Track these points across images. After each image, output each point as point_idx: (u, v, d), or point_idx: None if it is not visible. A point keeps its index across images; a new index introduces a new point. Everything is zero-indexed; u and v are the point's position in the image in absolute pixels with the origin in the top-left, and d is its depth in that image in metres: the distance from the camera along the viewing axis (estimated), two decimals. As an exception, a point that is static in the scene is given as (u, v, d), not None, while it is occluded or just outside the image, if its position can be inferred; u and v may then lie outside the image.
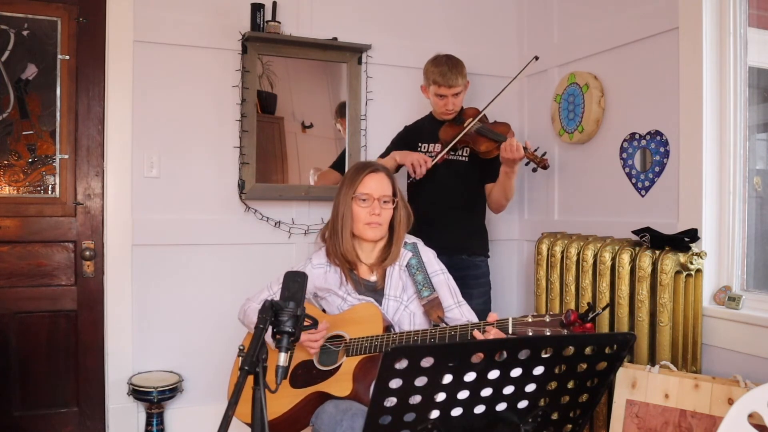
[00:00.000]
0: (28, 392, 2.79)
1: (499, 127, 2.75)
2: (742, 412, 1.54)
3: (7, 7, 2.72)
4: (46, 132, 2.81)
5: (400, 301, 2.08)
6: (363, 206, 2.06)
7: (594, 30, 2.98)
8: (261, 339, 1.37)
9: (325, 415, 1.90)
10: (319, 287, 2.14)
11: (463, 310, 2.11)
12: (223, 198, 3.03)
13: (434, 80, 2.75)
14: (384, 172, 2.12)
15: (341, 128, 3.21)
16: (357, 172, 2.11)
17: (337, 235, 2.09)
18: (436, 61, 2.78)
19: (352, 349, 1.96)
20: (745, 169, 2.37)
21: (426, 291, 2.06)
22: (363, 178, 2.08)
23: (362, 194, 2.06)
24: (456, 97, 2.77)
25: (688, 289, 2.34)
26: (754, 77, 2.40)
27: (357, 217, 2.07)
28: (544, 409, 1.33)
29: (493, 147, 2.66)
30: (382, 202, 2.07)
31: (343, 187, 2.11)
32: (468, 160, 2.83)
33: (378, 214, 2.05)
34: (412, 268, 2.10)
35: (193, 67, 2.97)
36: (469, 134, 2.74)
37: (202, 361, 2.98)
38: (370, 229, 2.07)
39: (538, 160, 2.60)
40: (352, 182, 2.09)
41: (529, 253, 3.38)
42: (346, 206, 2.08)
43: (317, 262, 2.15)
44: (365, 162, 2.21)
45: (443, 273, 2.16)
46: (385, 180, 2.10)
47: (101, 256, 2.88)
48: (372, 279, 2.13)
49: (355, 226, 2.08)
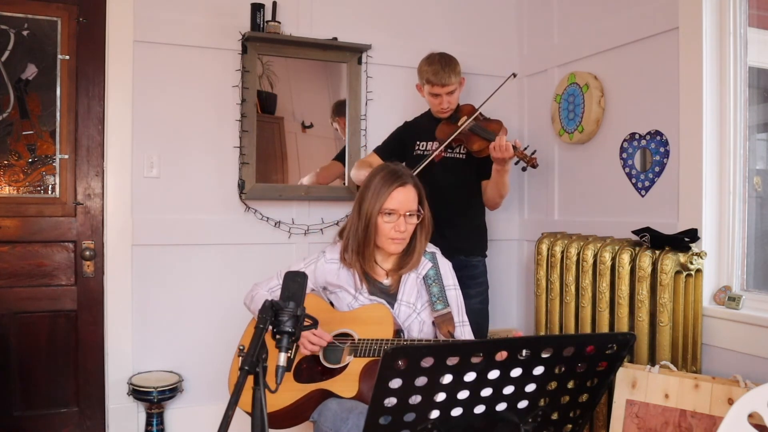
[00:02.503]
0: (28, 392, 2.79)
1: (491, 125, 2.74)
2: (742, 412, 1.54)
3: (7, 7, 2.72)
4: (46, 132, 2.81)
5: (413, 308, 2.07)
6: (388, 221, 2.00)
7: (594, 30, 2.98)
8: (261, 339, 1.37)
9: (329, 412, 1.89)
10: (330, 282, 2.12)
11: (464, 330, 2.10)
12: (223, 198, 3.03)
13: (428, 79, 2.74)
14: (412, 183, 2.04)
15: (338, 127, 3.21)
16: (385, 182, 2.02)
17: (358, 244, 2.04)
18: (429, 60, 2.78)
19: (360, 350, 1.95)
20: (745, 169, 2.37)
21: (440, 305, 2.04)
22: (391, 193, 2.00)
23: (388, 209, 2.00)
24: (450, 95, 2.77)
25: (688, 289, 2.34)
26: (754, 77, 2.40)
27: (381, 231, 2.01)
28: (544, 409, 1.33)
29: (485, 146, 2.65)
30: (407, 216, 2.01)
31: (368, 195, 2.03)
32: (465, 158, 2.83)
33: (402, 231, 2.00)
34: (429, 279, 2.08)
35: (193, 67, 2.97)
36: (463, 133, 2.73)
37: (202, 361, 2.98)
38: (394, 244, 2.02)
39: (527, 159, 2.59)
40: (380, 194, 2.00)
41: (529, 253, 3.38)
42: (372, 218, 2.00)
43: (331, 257, 2.13)
44: (393, 169, 2.06)
45: (455, 289, 2.14)
46: (412, 193, 2.03)
47: (101, 256, 2.88)
48: (386, 282, 2.11)
49: (378, 239, 2.03)
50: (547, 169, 3.28)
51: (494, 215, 3.14)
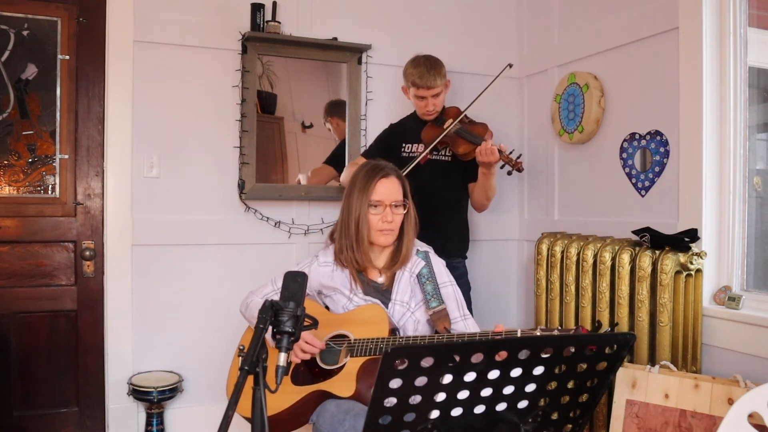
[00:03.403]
0: (28, 392, 2.79)
1: (476, 128, 2.74)
2: (742, 412, 1.54)
3: (7, 7, 2.72)
4: (46, 132, 2.81)
5: (407, 307, 2.08)
6: (375, 213, 2.03)
7: (594, 30, 2.98)
8: (261, 339, 1.37)
9: (326, 414, 1.89)
10: (324, 285, 2.13)
11: (468, 323, 2.11)
12: (223, 198, 3.03)
13: (413, 82, 2.74)
14: (394, 174, 2.09)
15: (330, 127, 3.21)
16: (368, 176, 2.06)
17: (351, 240, 2.05)
18: (414, 63, 2.77)
19: (356, 350, 1.96)
20: (745, 169, 2.37)
21: (434, 302, 2.05)
22: (375, 185, 2.04)
23: (374, 201, 2.03)
24: (436, 98, 2.76)
25: (688, 289, 2.34)
26: (754, 77, 2.40)
27: (369, 224, 2.04)
28: (544, 409, 1.33)
29: (471, 149, 2.65)
30: (394, 206, 2.04)
31: (354, 191, 2.06)
32: (451, 160, 2.83)
33: (390, 221, 2.03)
34: (423, 277, 2.09)
35: (193, 67, 2.97)
36: (448, 135, 2.73)
37: (202, 361, 2.98)
38: (383, 236, 2.05)
39: (512, 162, 2.59)
40: (365, 188, 2.04)
41: (529, 253, 3.38)
42: (361, 213, 2.04)
43: (324, 260, 2.14)
44: (375, 164, 2.12)
45: (452, 285, 2.15)
46: (396, 184, 2.07)
47: (101, 256, 2.88)
48: (380, 280, 2.12)
49: (367, 233, 2.06)
50: (547, 169, 3.28)
51: (494, 215, 3.14)
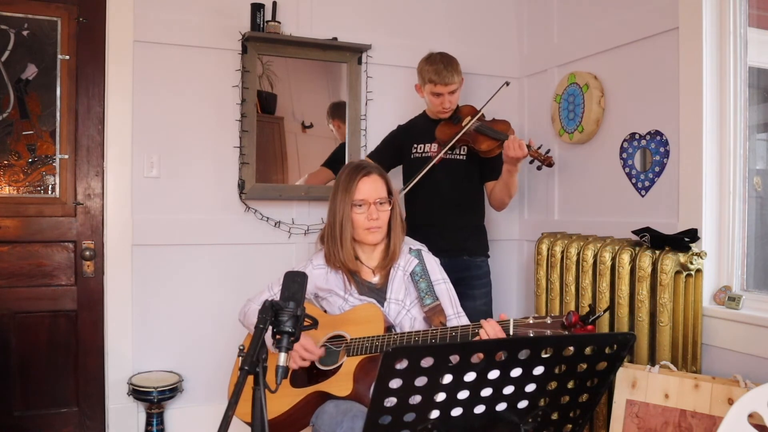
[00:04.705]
0: (28, 392, 2.79)
1: (499, 125, 2.73)
2: (742, 412, 1.54)
3: (7, 7, 2.72)
4: (46, 132, 2.81)
5: (403, 305, 2.08)
6: (360, 212, 2.04)
7: (594, 30, 2.98)
8: (261, 339, 1.37)
9: (325, 415, 1.89)
10: (320, 287, 2.13)
11: (461, 321, 2.11)
12: (223, 198, 3.03)
13: (430, 79, 2.73)
14: (376, 172, 2.09)
15: (333, 128, 3.21)
16: (350, 176, 2.07)
17: (336, 242, 2.06)
18: (430, 60, 2.77)
19: (353, 349, 1.96)
20: (745, 169, 2.37)
21: (429, 299, 2.06)
22: (357, 184, 2.04)
23: (358, 200, 2.03)
24: (452, 95, 2.75)
25: (688, 289, 2.34)
26: (754, 77, 2.40)
27: (356, 224, 2.04)
28: (544, 409, 1.33)
29: (495, 146, 2.65)
30: (378, 204, 2.05)
31: (338, 193, 2.08)
32: (466, 159, 2.82)
33: (376, 219, 2.03)
34: (416, 275, 2.10)
35: (193, 67, 2.97)
36: (468, 133, 2.72)
37: (202, 361, 2.98)
38: (371, 234, 2.05)
39: (542, 157, 2.59)
40: (347, 188, 2.05)
41: (529, 253, 3.38)
42: (344, 213, 2.05)
43: (317, 263, 2.14)
44: (356, 164, 2.14)
45: (445, 282, 2.15)
46: (378, 181, 2.07)
47: (101, 256, 2.88)
48: (374, 280, 2.12)
49: (355, 233, 2.06)
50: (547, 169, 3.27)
51: (494, 215, 3.13)
